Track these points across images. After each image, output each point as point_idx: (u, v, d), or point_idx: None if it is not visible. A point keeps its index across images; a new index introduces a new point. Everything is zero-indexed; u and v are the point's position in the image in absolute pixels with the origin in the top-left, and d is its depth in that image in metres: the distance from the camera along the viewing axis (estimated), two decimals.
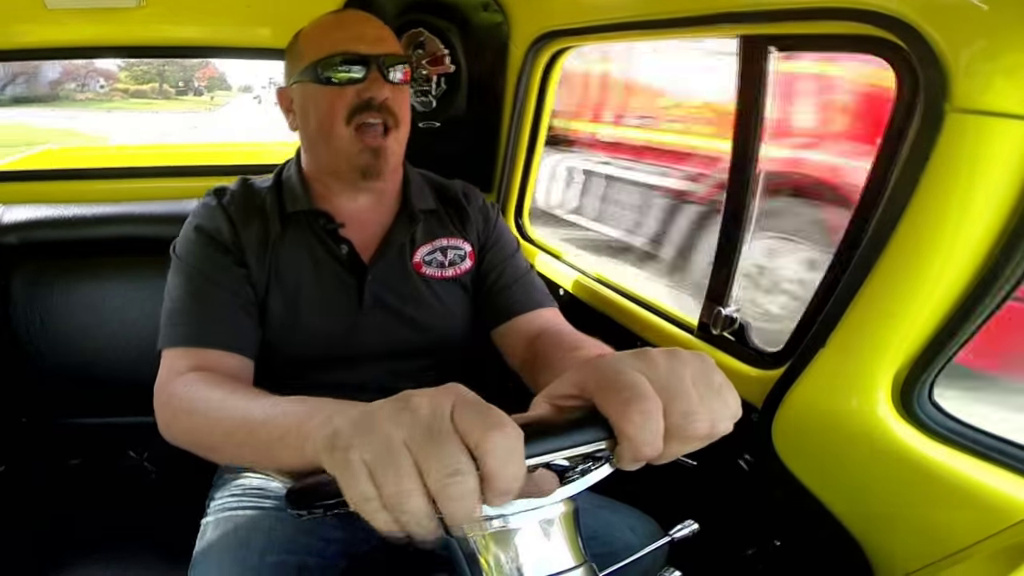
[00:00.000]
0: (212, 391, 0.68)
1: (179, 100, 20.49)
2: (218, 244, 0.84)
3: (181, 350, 0.78)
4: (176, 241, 0.87)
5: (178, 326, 0.79)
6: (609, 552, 0.58)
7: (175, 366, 0.76)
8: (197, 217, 0.87)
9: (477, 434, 0.37)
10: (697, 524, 0.63)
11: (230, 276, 0.83)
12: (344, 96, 0.82)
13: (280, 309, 0.85)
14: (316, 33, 0.86)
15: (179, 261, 0.84)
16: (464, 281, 0.94)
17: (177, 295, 0.82)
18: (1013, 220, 0.64)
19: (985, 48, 0.61)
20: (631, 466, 0.43)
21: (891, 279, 0.71)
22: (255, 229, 0.86)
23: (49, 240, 1.25)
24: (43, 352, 1.21)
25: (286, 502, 0.51)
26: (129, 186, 1.49)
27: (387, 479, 0.37)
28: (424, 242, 0.92)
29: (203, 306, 0.80)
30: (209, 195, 0.90)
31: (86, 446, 1.28)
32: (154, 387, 0.75)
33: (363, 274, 0.88)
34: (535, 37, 1.31)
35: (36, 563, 0.95)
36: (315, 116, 0.85)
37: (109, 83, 19.40)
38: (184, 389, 0.71)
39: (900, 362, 0.74)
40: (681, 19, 0.96)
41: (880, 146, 0.74)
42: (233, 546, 0.80)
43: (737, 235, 0.99)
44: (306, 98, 0.85)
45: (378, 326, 0.88)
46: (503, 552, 0.51)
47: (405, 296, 0.89)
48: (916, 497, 0.73)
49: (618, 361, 0.44)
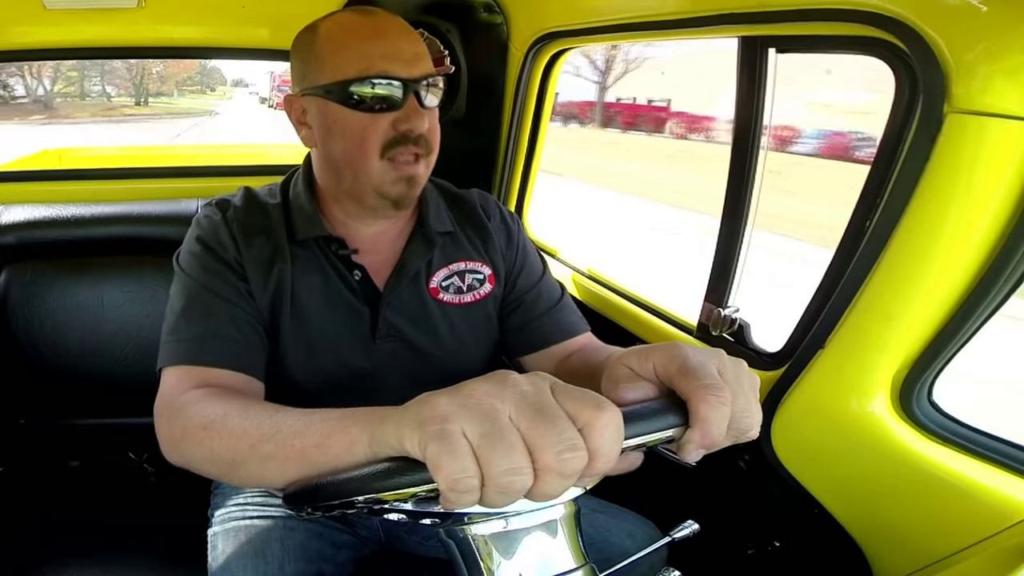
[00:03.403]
0: (229, 404, 0.62)
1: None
2: (222, 260, 0.78)
3: (185, 368, 0.71)
4: (179, 252, 0.81)
5: (182, 342, 0.73)
6: (604, 559, 0.57)
7: (179, 383, 0.70)
8: (200, 229, 0.80)
9: (587, 412, 0.38)
10: (697, 525, 0.63)
11: (237, 293, 0.77)
12: (378, 125, 0.73)
13: (289, 336, 0.79)
14: (343, 39, 0.74)
15: (183, 275, 0.78)
16: (484, 306, 0.87)
17: (181, 310, 0.75)
18: (1013, 220, 0.64)
19: (985, 49, 0.61)
20: (694, 454, 0.46)
21: (890, 280, 0.71)
22: (260, 249, 0.79)
23: (48, 240, 1.25)
24: (42, 353, 1.21)
25: (285, 502, 0.51)
26: (128, 186, 1.48)
27: (496, 455, 0.36)
28: (441, 265, 0.85)
29: (210, 322, 0.74)
30: (211, 207, 0.83)
31: (85, 447, 1.28)
32: (154, 406, 0.69)
33: (377, 302, 0.81)
34: (535, 37, 1.31)
35: (36, 564, 0.95)
36: (342, 141, 0.75)
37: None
38: (195, 404, 0.65)
39: (899, 363, 0.74)
40: (681, 20, 0.96)
41: (880, 147, 0.74)
42: (251, 559, 0.79)
43: (737, 236, 0.99)
44: (330, 118, 0.75)
45: (392, 357, 0.82)
46: (505, 554, 0.51)
47: (421, 325, 0.83)
48: (915, 498, 0.73)
49: (699, 353, 0.48)
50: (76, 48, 1.35)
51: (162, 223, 1.29)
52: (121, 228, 1.28)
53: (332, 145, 0.77)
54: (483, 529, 0.52)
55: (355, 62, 0.72)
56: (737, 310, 1.01)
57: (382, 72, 0.71)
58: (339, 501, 0.46)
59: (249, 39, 1.43)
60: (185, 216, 1.29)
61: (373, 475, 0.43)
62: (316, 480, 0.48)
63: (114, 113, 17.02)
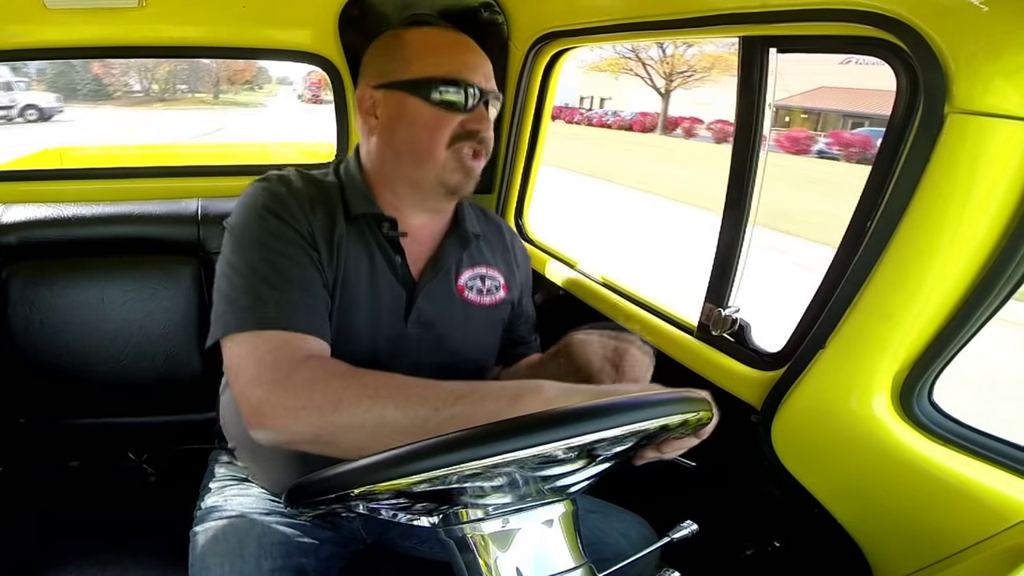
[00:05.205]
0: (373, 374, 0.67)
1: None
2: (295, 230, 0.78)
3: (282, 335, 0.70)
4: (233, 224, 0.80)
5: (274, 306, 0.72)
6: (599, 560, 0.57)
7: (286, 348, 0.69)
8: (264, 199, 0.79)
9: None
10: (696, 525, 0.63)
11: (312, 263, 0.78)
12: (450, 121, 0.82)
13: (337, 308, 0.81)
14: (435, 46, 0.84)
15: (252, 242, 0.77)
16: (499, 311, 0.95)
17: (263, 277, 0.74)
18: (1013, 221, 0.64)
19: (985, 49, 0.61)
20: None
21: (891, 280, 0.71)
22: (323, 222, 0.81)
23: (48, 240, 1.25)
24: (42, 352, 1.21)
25: (286, 502, 0.51)
26: (129, 186, 1.48)
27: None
28: (468, 266, 0.92)
29: (300, 291, 0.75)
30: (269, 180, 0.83)
31: (85, 447, 1.28)
32: (243, 375, 0.69)
33: (412, 288, 0.86)
34: (535, 37, 1.31)
35: (35, 564, 0.95)
36: (411, 132, 0.83)
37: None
38: (352, 374, 0.67)
39: (900, 363, 0.74)
40: (681, 20, 0.96)
41: (880, 147, 0.74)
42: (227, 556, 0.79)
43: (737, 237, 0.99)
44: (403, 110, 0.82)
45: (416, 342, 0.86)
46: (503, 553, 0.51)
47: (447, 317, 0.88)
48: (915, 498, 0.73)
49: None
50: (76, 48, 1.36)
51: (162, 223, 1.29)
52: (121, 228, 1.28)
53: (400, 133, 0.84)
54: (482, 528, 0.52)
55: (444, 66, 0.82)
56: (738, 310, 1.01)
57: (466, 79, 0.82)
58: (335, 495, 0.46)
59: (249, 39, 1.43)
60: (185, 216, 1.29)
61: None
62: (318, 476, 0.48)
63: (200, 104, 23.03)
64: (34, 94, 15.96)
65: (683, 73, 23.50)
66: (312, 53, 1.45)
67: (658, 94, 24.24)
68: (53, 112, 15.66)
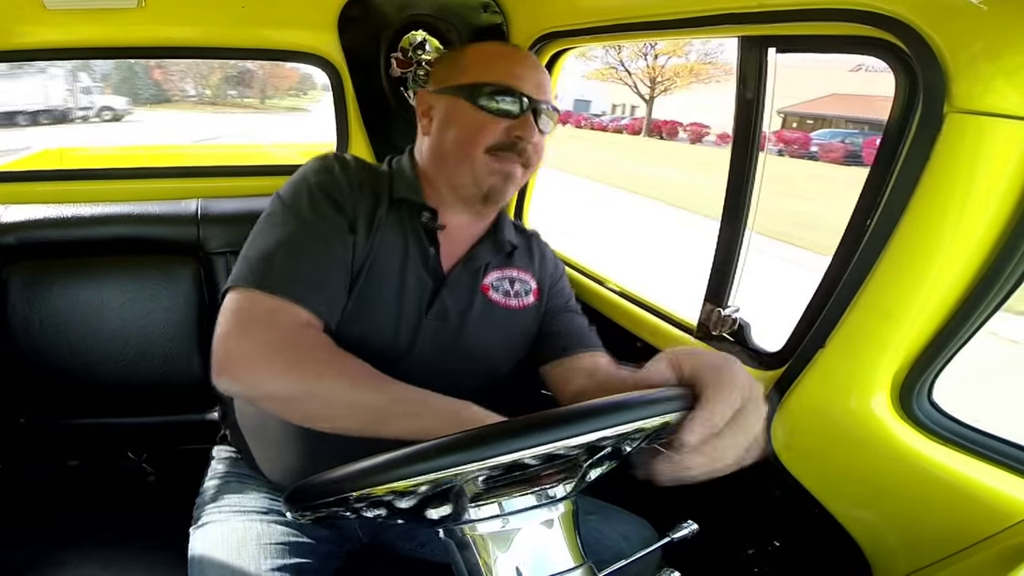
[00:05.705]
0: (348, 355, 0.71)
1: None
2: (340, 210, 0.81)
3: (283, 303, 0.73)
4: (283, 192, 0.83)
5: (286, 274, 0.75)
6: (598, 561, 0.57)
7: (285, 315, 0.72)
8: (319, 176, 0.83)
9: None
10: (696, 525, 0.63)
11: (344, 246, 0.81)
12: (495, 126, 0.84)
13: (362, 290, 0.83)
14: (487, 55, 0.89)
15: (294, 209, 0.80)
16: (526, 315, 0.94)
17: (288, 242, 0.77)
18: (1013, 220, 0.64)
19: (985, 49, 0.61)
20: (694, 435, 0.50)
21: (890, 279, 0.71)
22: (368, 204, 0.85)
23: (48, 240, 1.25)
24: (42, 352, 1.21)
25: (286, 504, 0.51)
26: (129, 186, 1.48)
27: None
28: (496, 268, 0.93)
29: (318, 270, 0.77)
30: (327, 159, 0.86)
31: (85, 447, 1.28)
32: (236, 321, 0.71)
33: (439, 281, 0.88)
34: (535, 37, 1.31)
35: (34, 564, 0.95)
36: (456, 133, 0.86)
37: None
38: (342, 356, 0.71)
39: (899, 363, 0.74)
40: (681, 20, 0.96)
41: (880, 146, 0.75)
42: (226, 555, 0.80)
43: (736, 237, 0.99)
44: (453, 112, 0.86)
45: (433, 334, 0.87)
46: (503, 554, 0.51)
47: (466, 314, 0.89)
48: (916, 498, 0.73)
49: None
50: (76, 48, 1.35)
51: (162, 223, 1.29)
52: (121, 228, 1.28)
53: (446, 134, 0.87)
54: (482, 529, 0.52)
55: (494, 74, 0.85)
56: (737, 310, 1.01)
57: (512, 87, 0.84)
58: (335, 498, 0.46)
59: (249, 39, 1.43)
60: (185, 216, 1.29)
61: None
62: (318, 478, 0.48)
63: (248, 108, 23.75)
64: (108, 97, 17.15)
65: (665, 80, 24.69)
66: (312, 53, 1.45)
67: (643, 100, 25.57)
68: (124, 113, 16.90)
